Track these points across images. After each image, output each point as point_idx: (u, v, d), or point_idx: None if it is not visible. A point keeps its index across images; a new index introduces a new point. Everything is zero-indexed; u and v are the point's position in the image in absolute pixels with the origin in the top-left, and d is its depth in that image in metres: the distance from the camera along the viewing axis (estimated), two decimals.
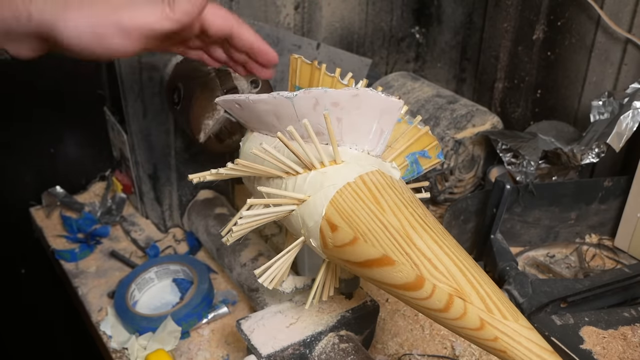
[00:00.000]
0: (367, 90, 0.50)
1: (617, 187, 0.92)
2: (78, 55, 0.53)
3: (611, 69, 0.99)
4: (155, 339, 0.74)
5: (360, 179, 0.51)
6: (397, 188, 0.51)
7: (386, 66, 1.25)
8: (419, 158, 0.57)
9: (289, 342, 0.62)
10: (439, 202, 1.03)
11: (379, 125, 0.52)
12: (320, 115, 0.52)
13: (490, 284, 0.45)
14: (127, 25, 0.52)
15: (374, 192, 0.50)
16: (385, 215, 0.49)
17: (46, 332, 1.18)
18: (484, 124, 0.99)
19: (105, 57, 0.54)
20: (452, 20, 1.24)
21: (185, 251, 0.94)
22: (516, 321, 0.42)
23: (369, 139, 0.53)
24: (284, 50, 0.95)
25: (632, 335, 0.71)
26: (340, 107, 0.51)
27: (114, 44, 0.53)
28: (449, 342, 0.77)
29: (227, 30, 0.60)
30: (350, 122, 0.52)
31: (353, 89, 0.50)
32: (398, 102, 0.50)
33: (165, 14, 0.53)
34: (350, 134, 0.53)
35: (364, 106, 0.50)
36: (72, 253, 0.92)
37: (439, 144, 0.58)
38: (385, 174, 0.52)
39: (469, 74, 1.29)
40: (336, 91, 0.50)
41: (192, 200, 0.95)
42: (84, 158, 1.08)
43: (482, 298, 0.44)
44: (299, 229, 0.55)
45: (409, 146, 0.57)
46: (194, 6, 0.54)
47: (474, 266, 0.47)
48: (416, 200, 0.52)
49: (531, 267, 0.91)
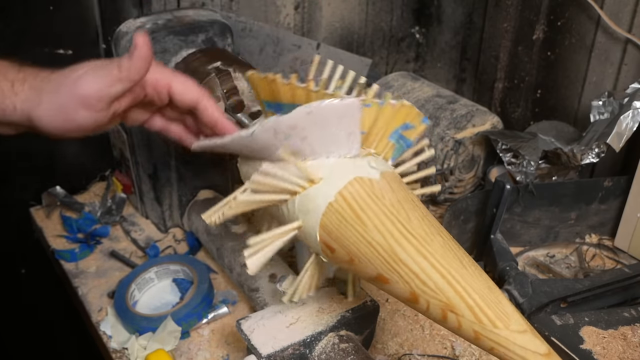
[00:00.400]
0: (319, 104, 0.49)
1: (617, 187, 0.92)
2: (53, 136, 0.59)
3: (611, 69, 0.99)
4: (155, 339, 0.74)
5: (340, 196, 0.51)
6: (376, 195, 0.51)
7: (386, 66, 1.25)
8: (402, 133, 0.56)
9: (289, 342, 0.62)
10: (439, 202, 1.03)
11: (343, 130, 0.51)
12: (287, 139, 0.52)
13: (478, 288, 0.45)
14: (84, 94, 0.56)
15: (355, 208, 0.50)
16: (369, 233, 0.49)
17: (46, 332, 1.18)
18: (484, 124, 1.00)
19: (77, 133, 0.59)
20: (452, 20, 1.24)
21: (185, 251, 0.94)
22: (507, 327, 0.42)
23: (340, 145, 0.52)
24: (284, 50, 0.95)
25: (632, 335, 0.71)
26: (299, 128, 0.51)
27: (80, 117, 0.57)
28: (449, 342, 0.77)
29: (193, 100, 0.62)
30: (316, 137, 0.52)
31: (305, 107, 0.49)
32: (353, 102, 0.50)
33: (115, 75, 0.56)
34: (321, 146, 0.53)
35: (321, 119, 0.50)
36: (72, 253, 0.92)
37: (418, 111, 0.56)
38: (363, 179, 0.52)
39: (469, 74, 1.29)
40: (288, 116, 0.50)
41: (192, 200, 0.95)
42: (84, 158, 1.08)
43: (471, 309, 0.44)
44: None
45: (388, 126, 0.55)
46: (141, 62, 0.57)
47: (460, 269, 0.46)
48: (397, 201, 0.51)
49: (531, 267, 0.91)
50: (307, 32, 1.08)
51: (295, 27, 1.06)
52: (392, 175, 0.54)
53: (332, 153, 0.53)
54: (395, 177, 0.54)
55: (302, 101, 0.56)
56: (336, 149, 0.53)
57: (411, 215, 0.50)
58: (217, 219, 0.57)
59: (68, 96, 0.56)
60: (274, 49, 0.95)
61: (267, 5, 1.02)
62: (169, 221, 0.97)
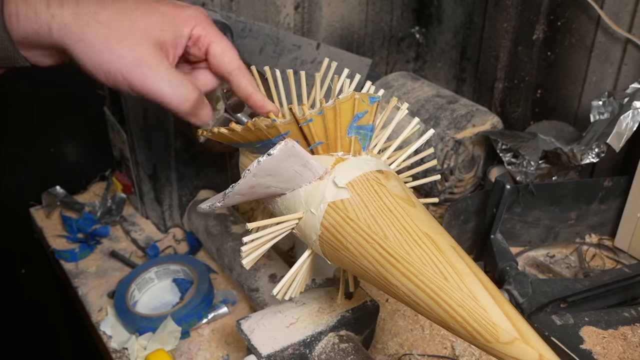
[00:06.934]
0: (257, 165, 0.50)
1: (617, 187, 0.92)
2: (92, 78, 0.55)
3: (611, 69, 0.99)
4: (155, 339, 0.74)
5: (323, 227, 0.52)
6: (351, 218, 0.50)
7: (386, 66, 1.25)
8: (357, 124, 0.56)
9: (289, 342, 0.62)
10: (439, 202, 1.03)
11: (296, 166, 0.52)
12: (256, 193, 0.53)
13: (462, 301, 0.43)
14: (135, 88, 0.54)
15: (338, 237, 0.51)
16: (358, 260, 0.50)
17: (46, 332, 1.18)
18: (484, 124, 0.99)
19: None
20: (452, 20, 1.24)
21: (185, 251, 0.94)
22: (497, 341, 0.42)
23: (303, 176, 0.53)
24: (284, 50, 0.95)
25: (632, 335, 0.71)
26: (257, 185, 0.52)
27: (123, 90, 0.55)
28: (449, 342, 0.77)
29: (226, 68, 0.60)
30: (277, 182, 0.53)
31: (248, 170, 0.50)
32: (283, 147, 0.50)
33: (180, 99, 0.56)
34: (287, 185, 0.54)
35: (269, 171, 0.51)
36: (72, 253, 0.92)
37: (361, 94, 0.54)
38: (336, 204, 0.51)
39: (469, 74, 1.29)
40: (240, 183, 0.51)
41: (192, 200, 0.95)
42: (84, 158, 1.08)
43: (462, 326, 0.44)
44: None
45: (341, 126, 0.55)
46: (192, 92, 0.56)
47: (442, 283, 0.44)
48: (371, 216, 0.50)
49: (531, 267, 0.91)
50: (307, 32, 1.08)
51: (295, 27, 1.06)
52: (363, 182, 0.52)
53: (300, 184, 0.54)
54: (366, 182, 0.52)
55: (253, 138, 0.58)
56: (301, 180, 0.54)
57: (387, 231, 0.48)
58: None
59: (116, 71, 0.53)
60: (274, 49, 0.94)
61: (267, 5, 1.01)
62: (169, 221, 0.97)
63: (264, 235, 0.56)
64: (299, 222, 0.55)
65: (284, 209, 0.56)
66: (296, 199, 0.55)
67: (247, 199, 0.55)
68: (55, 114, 1.02)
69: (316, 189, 0.53)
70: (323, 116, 0.53)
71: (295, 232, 0.56)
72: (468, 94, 1.29)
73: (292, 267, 0.58)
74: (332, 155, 0.55)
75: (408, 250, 0.47)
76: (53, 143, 1.05)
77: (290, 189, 0.55)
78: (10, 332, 1.14)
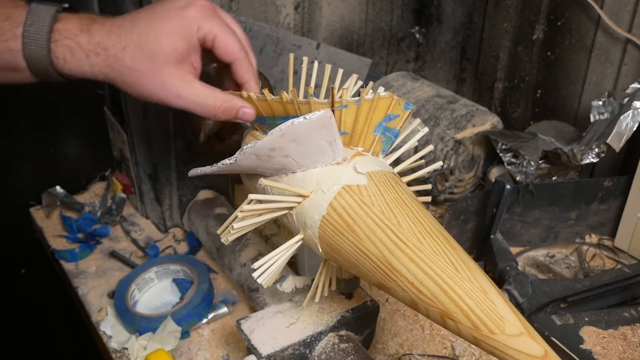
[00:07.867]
0: (289, 125, 0.49)
1: (617, 187, 0.92)
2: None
3: (611, 69, 0.99)
4: (155, 339, 0.74)
5: (331, 208, 0.51)
6: (365, 202, 0.50)
7: (386, 66, 1.25)
8: (387, 125, 0.56)
9: (289, 342, 0.62)
10: (439, 202, 1.03)
11: (323, 140, 0.52)
12: (270, 159, 0.53)
13: (471, 292, 0.44)
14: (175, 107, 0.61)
15: (346, 219, 0.51)
16: (363, 244, 0.50)
17: (46, 332, 1.18)
18: (484, 124, 0.99)
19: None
20: (452, 20, 1.24)
21: (185, 251, 0.94)
22: (503, 332, 0.42)
23: (324, 154, 0.53)
24: (284, 50, 0.95)
25: (632, 335, 0.71)
26: (277, 149, 0.51)
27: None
28: (449, 342, 0.77)
29: (228, 60, 0.63)
30: (297, 152, 0.52)
31: (277, 130, 0.50)
32: (322, 114, 0.49)
33: (213, 111, 0.61)
34: (304, 159, 0.53)
35: (296, 137, 0.51)
36: (72, 253, 0.92)
37: (399, 98, 0.55)
38: (351, 187, 0.51)
39: (469, 74, 1.29)
40: (264, 141, 0.50)
41: (192, 200, 0.95)
42: (84, 158, 1.08)
43: (467, 316, 0.44)
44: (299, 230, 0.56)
45: (371, 121, 0.55)
46: (215, 100, 0.61)
47: (453, 273, 0.45)
48: (387, 205, 0.50)
49: (531, 267, 0.91)
50: (307, 32, 1.08)
51: (295, 27, 1.06)
52: (380, 175, 0.53)
53: (317, 163, 0.53)
54: (384, 176, 0.53)
55: (281, 112, 0.57)
56: (320, 158, 0.53)
57: (401, 219, 0.49)
58: (226, 239, 0.58)
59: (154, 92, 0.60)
60: (274, 49, 0.95)
61: (267, 5, 1.01)
62: (169, 221, 0.97)
63: (261, 208, 0.55)
64: (302, 202, 0.54)
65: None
66: (307, 178, 0.54)
67: (258, 166, 0.54)
68: (55, 114, 1.02)
69: (332, 172, 0.53)
70: (359, 106, 0.53)
71: (292, 213, 0.55)
72: (468, 94, 1.29)
73: (277, 249, 0.57)
74: (352, 148, 0.56)
75: (420, 239, 0.48)
76: (53, 143, 1.05)
77: (305, 167, 0.54)
78: (11, 332, 1.14)
